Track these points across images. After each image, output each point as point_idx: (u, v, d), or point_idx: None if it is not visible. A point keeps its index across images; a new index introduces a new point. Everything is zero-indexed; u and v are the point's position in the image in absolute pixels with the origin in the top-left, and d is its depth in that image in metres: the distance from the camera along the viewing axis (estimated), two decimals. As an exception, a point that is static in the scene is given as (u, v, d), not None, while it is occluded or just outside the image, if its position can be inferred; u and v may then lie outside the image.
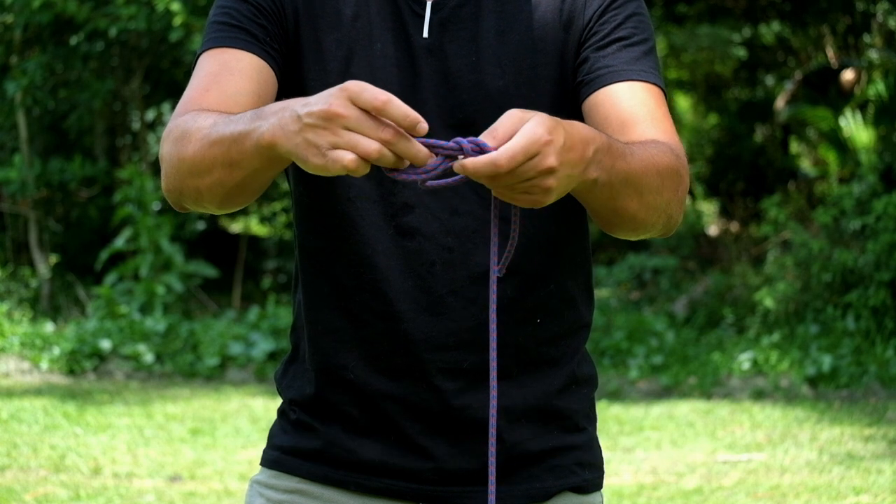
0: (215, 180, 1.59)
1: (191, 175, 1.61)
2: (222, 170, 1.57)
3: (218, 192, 1.61)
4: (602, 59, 1.76)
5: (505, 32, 1.77)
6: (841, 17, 14.65)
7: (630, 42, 1.77)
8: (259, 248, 14.34)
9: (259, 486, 1.86)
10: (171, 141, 1.64)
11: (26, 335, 10.39)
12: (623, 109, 1.72)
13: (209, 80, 1.72)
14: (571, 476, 1.82)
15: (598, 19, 1.78)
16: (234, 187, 1.59)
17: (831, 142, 12.79)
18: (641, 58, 1.77)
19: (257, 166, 1.54)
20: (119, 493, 6.15)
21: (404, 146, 1.41)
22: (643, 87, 1.75)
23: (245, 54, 1.73)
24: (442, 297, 1.74)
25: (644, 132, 1.70)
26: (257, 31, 1.75)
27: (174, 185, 1.65)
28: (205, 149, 1.57)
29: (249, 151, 1.51)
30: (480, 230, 1.74)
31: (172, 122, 1.66)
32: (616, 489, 6.13)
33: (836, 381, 8.85)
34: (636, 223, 1.66)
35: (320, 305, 1.80)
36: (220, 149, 1.55)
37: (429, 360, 1.75)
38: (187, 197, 1.65)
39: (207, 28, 1.79)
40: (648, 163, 1.61)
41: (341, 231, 1.77)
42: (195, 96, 1.69)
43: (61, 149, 13.06)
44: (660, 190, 1.64)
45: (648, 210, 1.64)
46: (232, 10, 1.77)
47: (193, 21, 10.46)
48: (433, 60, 1.75)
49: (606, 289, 11.75)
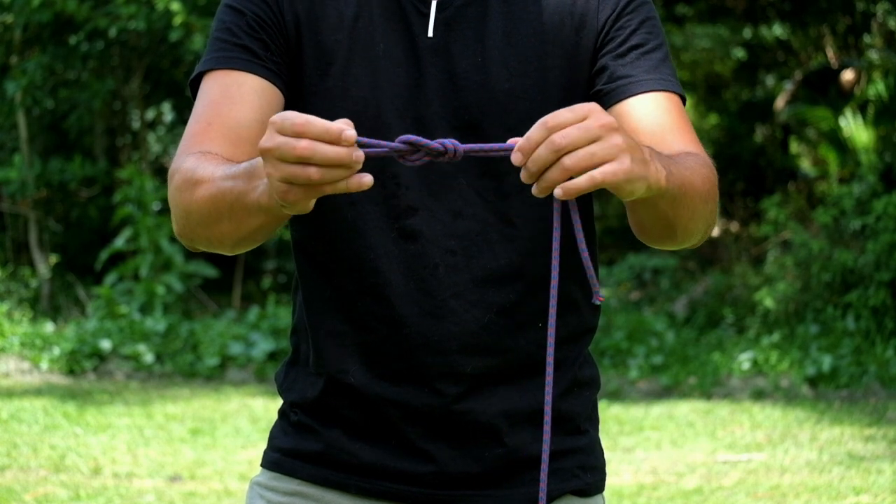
0: (224, 232, 1.63)
1: (200, 225, 1.65)
2: (229, 223, 1.61)
3: (228, 241, 1.65)
4: (621, 69, 1.75)
5: (512, 34, 1.75)
6: (841, 17, 14.64)
7: (647, 49, 1.77)
8: (259, 248, 14.32)
9: (259, 488, 1.85)
10: (177, 187, 1.66)
11: (26, 335, 10.39)
12: (649, 123, 1.73)
13: (211, 111, 1.72)
14: (573, 479, 1.82)
15: (613, 24, 1.77)
16: (243, 238, 1.64)
17: (831, 142, 12.79)
18: (660, 65, 1.77)
19: (263, 221, 1.58)
20: (119, 493, 6.15)
21: (322, 154, 1.40)
22: (665, 97, 1.75)
23: (247, 77, 1.73)
24: (445, 300, 1.74)
25: (672, 144, 1.71)
26: (257, 47, 1.74)
27: (185, 233, 1.69)
28: (210, 202, 1.61)
29: (252, 210, 1.55)
30: (483, 233, 1.74)
31: (177, 162, 1.68)
32: (616, 489, 6.13)
33: (836, 381, 8.85)
34: (687, 232, 1.67)
35: (322, 309, 1.80)
36: (224, 205, 1.59)
37: (431, 364, 1.74)
38: (199, 242, 1.70)
39: (209, 43, 1.78)
40: (695, 171, 1.63)
41: (343, 234, 1.76)
42: (198, 132, 1.71)
43: (61, 149, 13.05)
44: (706, 199, 1.66)
45: (697, 219, 1.66)
46: (232, 26, 1.76)
47: (193, 21, 10.46)
48: (438, 60, 1.74)
49: (606, 289, 11.75)
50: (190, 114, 1.77)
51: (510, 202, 1.74)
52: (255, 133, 1.69)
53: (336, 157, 1.41)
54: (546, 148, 1.42)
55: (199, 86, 1.77)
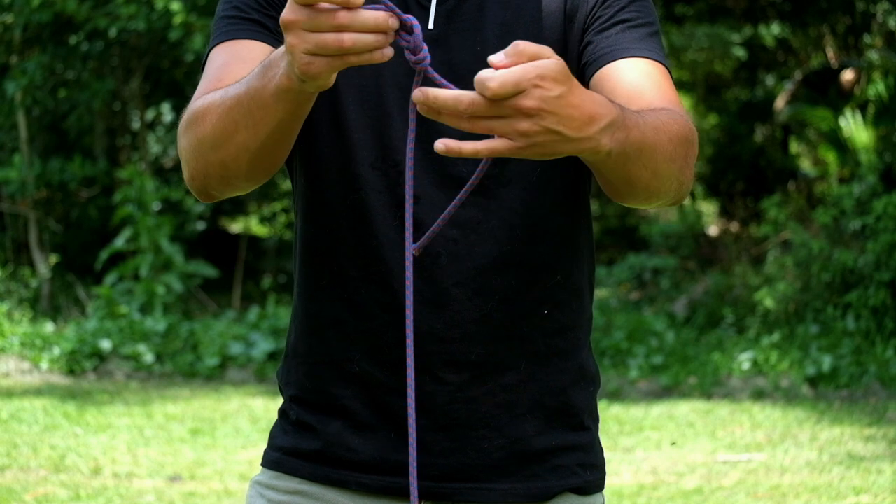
0: (240, 146, 1.58)
1: (213, 149, 1.60)
2: (246, 132, 1.56)
3: (244, 158, 1.60)
4: (605, 40, 1.75)
5: (510, 24, 1.77)
6: (841, 17, 14.65)
7: (634, 24, 1.77)
8: (259, 248, 14.34)
9: (260, 487, 1.86)
10: (185, 127, 1.63)
11: (26, 335, 10.39)
12: (629, 82, 1.71)
13: (220, 71, 1.71)
14: (573, 477, 1.82)
15: (601, 4, 1.77)
16: (259, 149, 1.58)
17: (831, 142, 12.79)
18: (646, 38, 1.76)
19: (282, 116, 1.53)
20: (119, 493, 6.15)
21: (360, 21, 1.38)
22: (648, 62, 1.74)
23: (256, 44, 1.74)
24: (447, 289, 1.74)
25: (651, 102, 1.69)
26: (267, 21, 1.75)
27: (197, 169, 1.65)
28: (224, 116, 1.57)
29: (271, 102, 1.51)
30: (485, 221, 1.74)
31: (185, 114, 1.66)
32: (616, 489, 6.13)
33: (836, 381, 8.85)
34: (649, 191, 1.64)
35: (322, 298, 1.80)
36: (239, 111, 1.55)
37: (433, 353, 1.74)
38: (212, 177, 1.65)
39: (215, 24, 1.79)
40: (661, 130, 1.60)
41: (346, 222, 1.76)
42: (207, 87, 1.69)
43: (61, 149, 13.06)
44: (673, 157, 1.62)
45: (661, 178, 1.63)
46: (240, 4, 1.77)
47: (193, 20, 10.46)
48: (438, 52, 1.74)
49: (606, 289, 11.75)
50: None
51: (511, 190, 1.75)
52: None
53: (374, 21, 1.38)
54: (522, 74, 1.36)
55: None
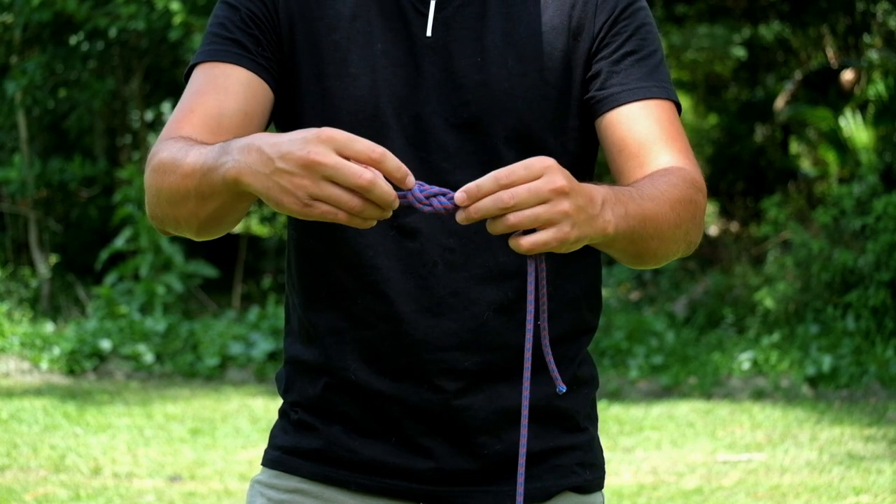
0: (190, 211, 1.62)
1: (168, 204, 1.65)
2: (195, 202, 1.60)
3: (193, 222, 1.65)
4: (615, 76, 1.76)
5: (511, 34, 1.76)
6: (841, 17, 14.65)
7: (641, 55, 1.78)
8: (259, 248, 14.33)
9: (260, 486, 1.86)
10: (152, 169, 1.67)
11: (26, 335, 10.39)
12: (638, 132, 1.74)
13: (195, 100, 1.74)
14: (572, 476, 1.82)
15: (609, 29, 1.78)
16: (207, 219, 1.63)
17: (831, 142, 12.79)
18: (653, 72, 1.78)
19: (226, 199, 1.57)
20: (119, 493, 6.15)
21: (380, 191, 1.42)
22: (657, 105, 1.76)
23: (235, 69, 1.75)
24: (443, 297, 1.75)
25: (659, 155, 1.72)
26: (248, 41, 1.76)
27: (155, 213, 1.70)
28: (179, 181, 1.61)
29: (217, 185, 1.54)
30: (482, 230, 1.73)
31: (155, 147, 1.69)
32: (616, 489, 6.13)
33: (836, 381, 8.85)
34: (658, 258, 1.68)
35: (320, 307, 1.80)
36: (191, 181, 1.58)
37: (430, 361, 1.75)
38: (168, 224, 1.70)
39: (204, 37, 1.81)
40: (661, 199, 1.63)
41: (342, 232, 1.76)
42: (180, 118, 1.72)
43: (61, 149, 13.06)
44: (678, 223, 1.66)
45: (669, 243, 1.66)
46: (225, 21, 1.78)
47: (193, 20, 10.46)
48: (437, 59, 1.75)
49: (606, 289, 11.75)
50: None
51: None
52: (236, 123, 1.71)
53: (388, 198, 1.42)
54: (493, 201, 1.44)
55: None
